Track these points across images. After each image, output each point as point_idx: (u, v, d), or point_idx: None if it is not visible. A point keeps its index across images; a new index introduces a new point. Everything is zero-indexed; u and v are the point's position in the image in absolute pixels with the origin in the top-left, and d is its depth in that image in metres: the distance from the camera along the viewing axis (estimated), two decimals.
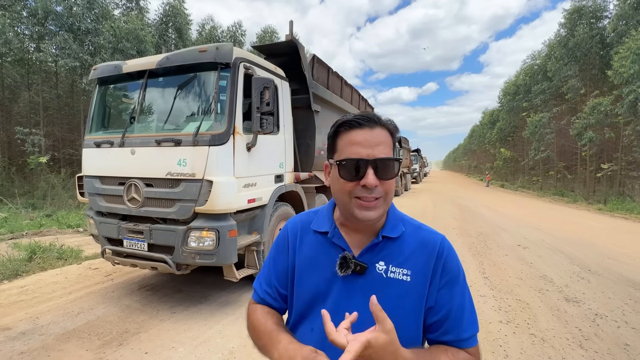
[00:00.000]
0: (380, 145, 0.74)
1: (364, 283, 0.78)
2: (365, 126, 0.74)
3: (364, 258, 0.79)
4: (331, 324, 0.62)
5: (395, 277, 0.77)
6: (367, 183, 0.72)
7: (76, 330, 3.08)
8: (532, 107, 23.39)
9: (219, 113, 3.32)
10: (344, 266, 0.77)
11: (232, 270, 3.43)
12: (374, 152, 0.73)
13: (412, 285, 0.77)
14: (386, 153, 0.74)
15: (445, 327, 0.77)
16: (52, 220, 8.43)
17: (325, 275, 0.81)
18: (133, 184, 3.39)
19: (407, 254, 0.79)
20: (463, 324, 0.77)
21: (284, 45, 4.64)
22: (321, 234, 0.85)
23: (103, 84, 4.01)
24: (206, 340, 2.90)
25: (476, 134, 48.56)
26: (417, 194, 18.56)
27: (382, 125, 0.76)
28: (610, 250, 6.31)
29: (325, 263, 0.81)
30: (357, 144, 0.74)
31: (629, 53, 12.87)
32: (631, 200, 13.75)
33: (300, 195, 4.67)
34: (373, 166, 0.72)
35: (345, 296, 0.78)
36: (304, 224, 0.90)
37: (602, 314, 3.53)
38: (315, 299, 0.81)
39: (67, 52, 11.39)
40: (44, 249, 5.27)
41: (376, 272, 0.78)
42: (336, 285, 0.79)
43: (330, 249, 0.82)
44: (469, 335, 0.77)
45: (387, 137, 0.76)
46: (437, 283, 0.77)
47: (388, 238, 0.80)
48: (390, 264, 0.78)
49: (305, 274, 0.84)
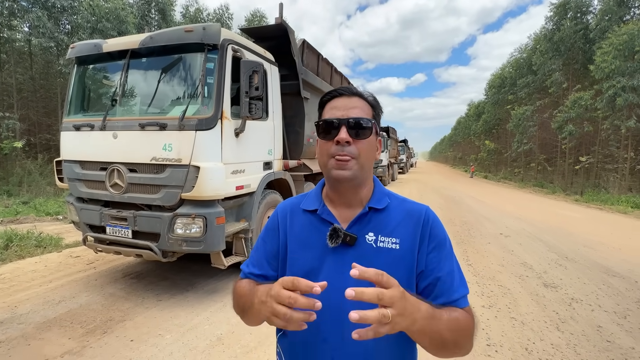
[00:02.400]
0: (356, 109, 0.81)
1: (355, 254, 0.80)
2: (344, 94, 0.83)
3: (353, 230, 0.82)
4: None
5: (385, 246, 0.80)
6: (339, 138, 0.78)
7: (57, 319, 2.99)
8: (517, 100, 23.87)
9: (206, 97, 3.22)
10: (334, 237, 0.79)
11: (220, 257, 3.39)
12: (348, 113, 0.80)
13: (402, 253, 0.80)
14: (361, 115, 0.80)
15: (436, 291, 0.78)
16: (29, 207, 8.10)
17: (317, 251, 0.83)
18: (116, 169, 3.27)
19: (395, 223, 0.82)
20: (453, 286, 0.79)
21: (273, 28, 4.51)
22: (310, 212, 0.87)
23: (82, 64, 3.81)
24: (193, 327, 2.88)
25: (461, 125, 49.32)
26: (403, 184, 18.80)
27: (360, 95, 0.84)
28: (586, 239, 6.59)
29: (316, 239, 0.83)
30: (334, 108, 0.82)
31: (611, 49, 13.23)
32: (606, 191, 14.36)
33: (288, 183, 4.64)
34: (346, 124, 0.78)
35: (337, 269, 0.80)
36: (293, 205, 0.92)
37: (577, 299, 3.70)
38: (308, 275, 0.82)
39: (41, 30, 10.74)
40: (21, 237, 5.07)
41: (366, 242, 0.81)
42: (328, 259, 0.81)
43: (320, 226, 0.84)
44: (459, 296, 0.79)
45: (364, 105, 0.83)
46: (425, 248, 0.80)
47: (375, 209, 0.83)
48: (379, 234, 0.81)
49: (297, 252, 0.86)
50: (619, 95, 13.02)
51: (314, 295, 0.60)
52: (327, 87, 5.92)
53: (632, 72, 12.74)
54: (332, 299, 0.77)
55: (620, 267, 4.83)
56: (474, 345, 0.78)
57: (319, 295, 0.80)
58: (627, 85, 12.75)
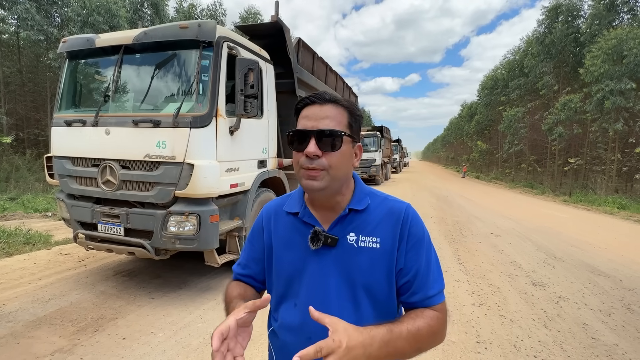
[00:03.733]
0: (327, 119, 0.78)
1: (337, 254, 0.82)
2: (316, 103, 0.80)
3: (334, 231, 0.83)
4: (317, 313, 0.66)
5: (366, 246, 0.81)
6: (306, 151, 0.76)
7: (47, 317, 2.96)
8: (508, 102, 24.20)
9: (201, 94, 3.20)
10: (315, 240, 0.81)
11: (213, 255, 3.38)
12: (317, 125, 0.77)
13: (382, 251, 0.81)
14: (331, 126, 0.77)
15: (413, 288, 0.81)
16: (16, 204, 7.94)
17: (300, 253, 0.84)
18: (108, 166, 3.24)
19: (375, 223, 0.83)
20: (429, 282, 0.81)
21: (268, 26, 4.50)
22: (293, 214, 0.89)
23: (73, 59, 3.75)
24: (186, 325, 2.88)
25: (454, 126, 49.79)
26: (396, 184, 18.94)
27: (333, 102, 0.80)
28: (574, 239, 6.74)
29: (299, 242, 0.85)
30: (305, 118, 0.79)
31: (601, 53, 13.50)
32: (593, 192, 14.68)
33: (283, 181, 4.64)
34: (315, 136, 0.76)
35: (319, 270, 0.82)
36: (277, 207, 0.93)
37: (564, 297, 3.80)
38: (293, 276, 0.85)
39: (29, 23, 10.50)
40: (8, 234, 4.98)
41: (347, 243, 0.82)
42: (311, 261, 0.83)
43: (302, 228, 0.85)
44: (435, 292, 0.81)
45: (338, 113, 0.79)
46: (404, 246, 0.82)
47: (355, 211, 0.84)
48: (360, 234, 0.82)
49: (281, 254, 0.88)
50: (607, 99, 13.31)
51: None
52: (322, 86, 5.93)
53: (620, 76, 13.02)
54: (315, 299, 0.80)
55: (606, 267, 4.96)
56: (465, 342, 0.81)
57: (303, 294, 0.82)
58: (615, 88, 13.04)
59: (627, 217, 10.07)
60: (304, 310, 0.79)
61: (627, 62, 12.72)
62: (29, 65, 14.05)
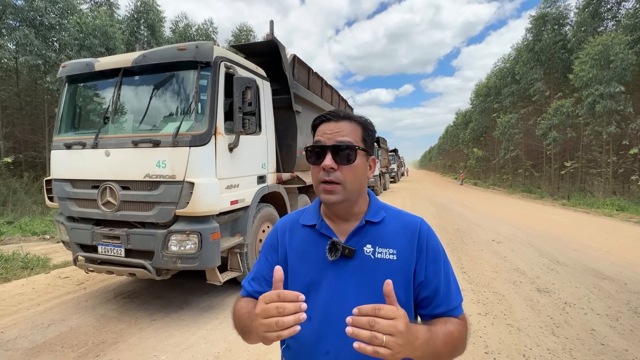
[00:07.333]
0: (342, 134, 0.83)
1: (354, 265, 0.83)
2: (331, 120, 0.85)
3: (351, 242, 0.85)
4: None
5: (383, 257, 0.83)
6: (323, 165, 0.80)
7: (47, 343, 2.89)
8: (502, 109, 24.53)
9: (200, 113, 3.24)
10: (333, 250, 0.82)
11: (215, 273, 3.35)
12: (333, 139, 0.82)
13: (399, 263, 0.83)
14: (346, 141, 0.82)
15: (437, 301, 0.83)
16: (14, 227, 7.86)
17: (317, 264, 0.85)
18: (108, 187, 3.24)
19: (391, 235, 0.85)
20: (451, 295, 0.84)
21: (264, 44, 4.60)
22: (309, 227, 0.90)
23: (73, 82, 3.80)
24: (189, 347, 2.82)
25: (450, 134, 50.23)
26: (395, 193, 18.94)
27: (347, 119, 0.85)
28: (575, 243, 6.73)
29: (316, 253, 0.86)
30: (322, 134, 0.84)
31: (588, 58, 13.82)
32: (591, 195, 14.73)
33: (282, 196, 4.64)
34: (331, 151, 0.81)
35: (337, 281, 0.83)
36: (293, 221, 0.95)
37: (570, 303, 3.76)
38: (309, 288, 0.85)
39: (28, 48, 10.66)
40: (6, 259, 4.92)
41: (364, 254, 0.84)
42: (328, 272, 0.84)
43: (320, 240, 0.87)
44: (457, 304, 0.84)
45: (352, 129, 0.84)
46: (424, 260, 0.84)
47: (371, 222, 0.87)
48: (377, 246, 0.84)
49: (298, 266, 0.88)
50: (598, 102, 13.54)
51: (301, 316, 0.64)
52: (318, 100, 6.01)
53: (609, 80, 13.30)
54: (332, 311, 0.80)
55: (610, 270, 4.94)
56: (473, 353, 0.83)
57: (320, 306, 0.82)
58: (605, 92, 13.29)
59: (626, 218, 10.10)
60: (320, 323, 0.80)
61: (614, 67, 13.01)
62: (27, 89, 14.17)
